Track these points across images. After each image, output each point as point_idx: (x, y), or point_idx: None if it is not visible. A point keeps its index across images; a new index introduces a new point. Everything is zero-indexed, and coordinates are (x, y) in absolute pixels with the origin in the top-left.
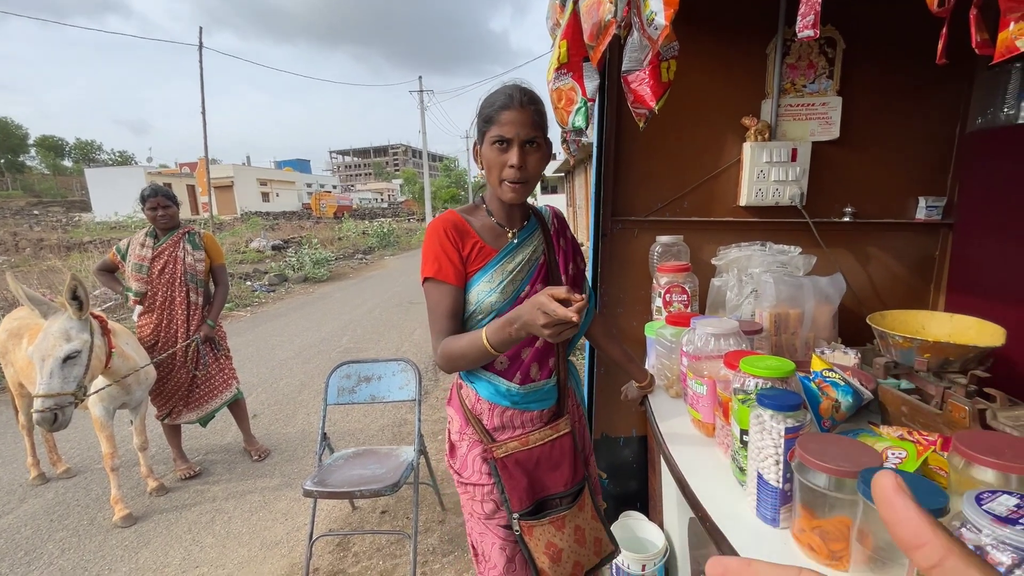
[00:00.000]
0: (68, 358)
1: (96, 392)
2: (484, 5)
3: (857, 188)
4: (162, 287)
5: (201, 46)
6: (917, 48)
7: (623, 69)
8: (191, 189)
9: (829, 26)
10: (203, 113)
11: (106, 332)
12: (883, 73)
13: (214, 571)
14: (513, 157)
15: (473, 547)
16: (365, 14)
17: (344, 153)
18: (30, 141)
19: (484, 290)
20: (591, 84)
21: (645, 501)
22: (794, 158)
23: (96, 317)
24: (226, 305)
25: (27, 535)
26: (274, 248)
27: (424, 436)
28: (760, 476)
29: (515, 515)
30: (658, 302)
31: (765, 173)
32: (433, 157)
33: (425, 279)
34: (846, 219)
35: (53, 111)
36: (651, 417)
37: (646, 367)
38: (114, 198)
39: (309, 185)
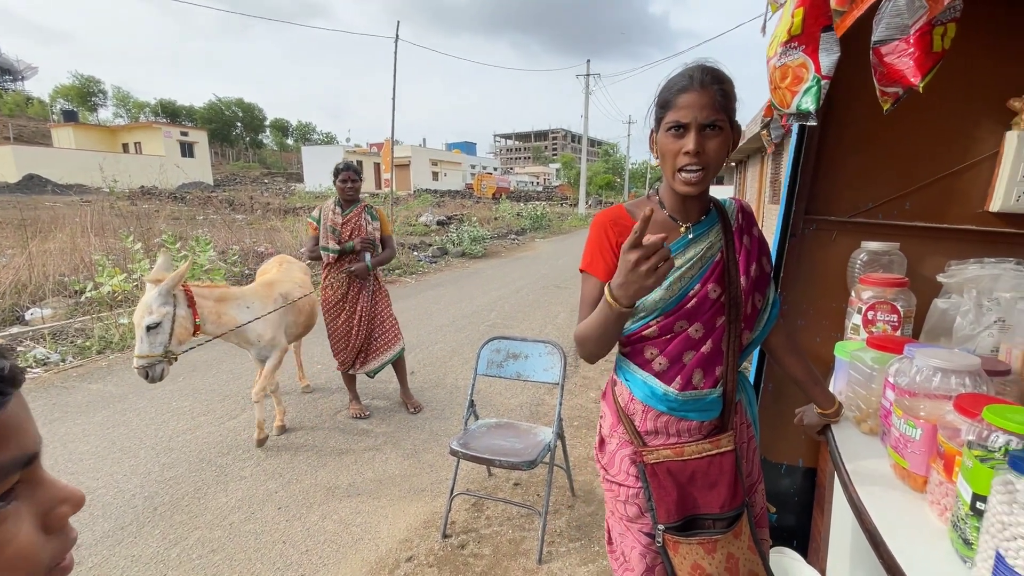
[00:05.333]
0: (150, 328)
1: (188, 350)
2: None
3: None
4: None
5: (397, 38)
6: None
7: (875, 39)
8: (376, 167)
9: None
10: (393, 99)
11: (191, 304)
12: None
13: (372, 501)
14: (689, 143)
15: (610, 540)
16: (524, 2)
17: (507, 137)
18: (266, 123)
19: None
20: (829, 59)
21: (802, 539)
22: None
23: (185, 290)
24: (395, 271)
25: (244, 438)
26: (439, 223)
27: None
28: (1001, 559)
29: (660, 526)
30: (856, 319)
31: None
32: (592, 142)
33: (581, 269)
34: None
35: (278, 98)
36: (834, 452)
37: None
38: (320, 171)
39: (473, 166)
